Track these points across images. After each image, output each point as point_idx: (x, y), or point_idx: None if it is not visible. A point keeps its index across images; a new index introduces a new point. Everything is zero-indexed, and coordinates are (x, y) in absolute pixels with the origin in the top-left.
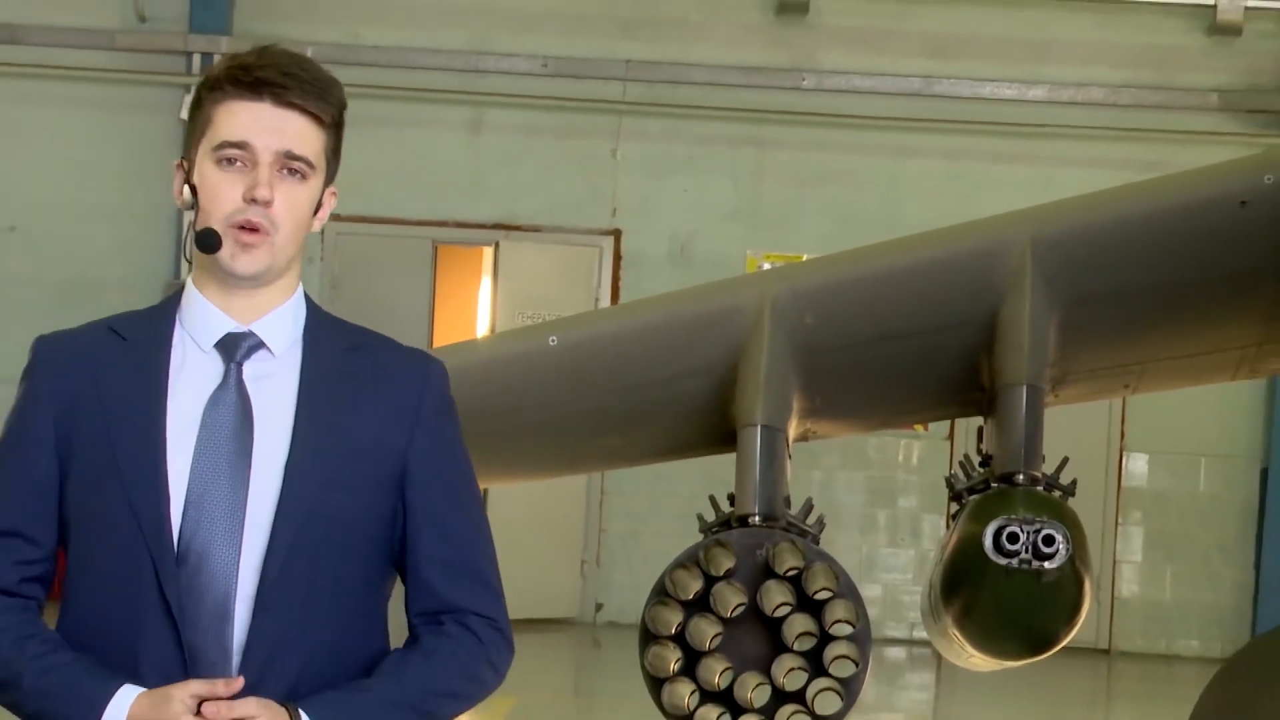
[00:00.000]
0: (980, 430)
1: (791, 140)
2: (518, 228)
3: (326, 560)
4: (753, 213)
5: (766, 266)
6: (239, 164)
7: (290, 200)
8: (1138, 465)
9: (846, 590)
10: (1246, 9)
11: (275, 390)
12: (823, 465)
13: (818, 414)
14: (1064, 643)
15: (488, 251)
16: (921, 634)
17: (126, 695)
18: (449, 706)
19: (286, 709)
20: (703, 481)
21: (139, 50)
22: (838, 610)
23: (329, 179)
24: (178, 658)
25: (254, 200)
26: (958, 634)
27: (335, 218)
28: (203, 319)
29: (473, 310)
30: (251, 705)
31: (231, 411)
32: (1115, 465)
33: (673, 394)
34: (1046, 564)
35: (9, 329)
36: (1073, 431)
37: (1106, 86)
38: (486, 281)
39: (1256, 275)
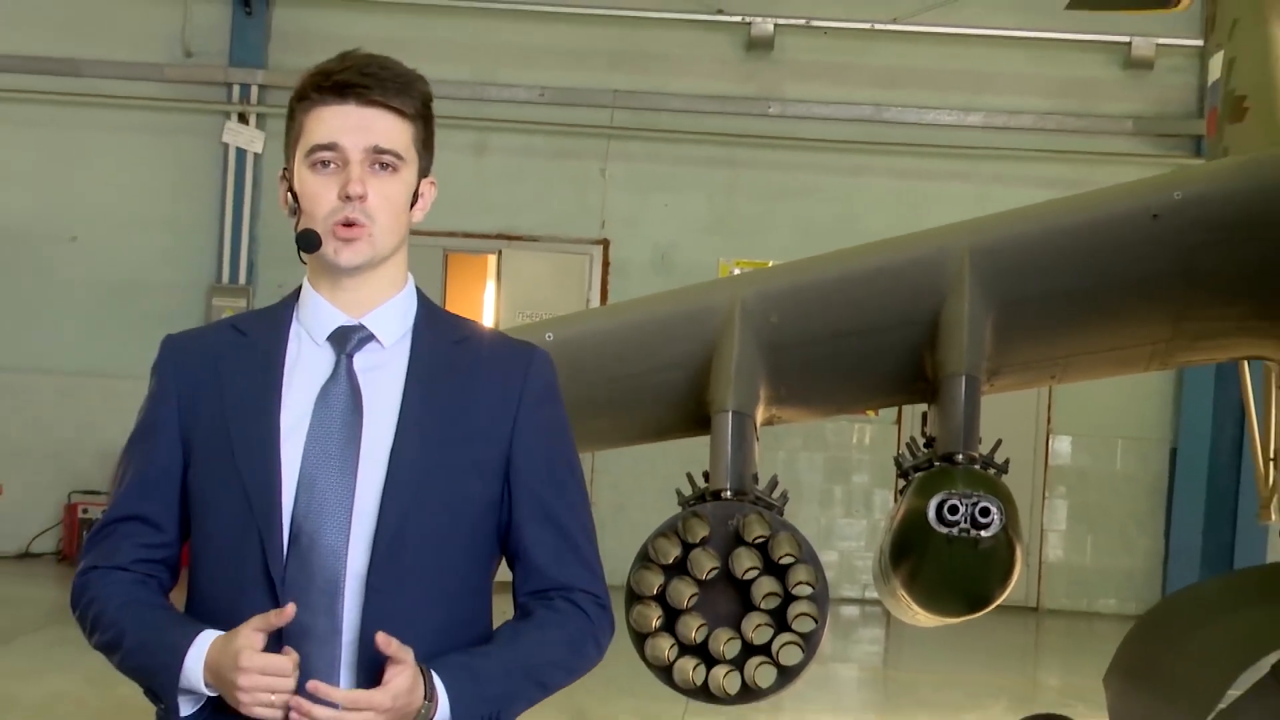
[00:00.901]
0: (924, 416)
1: (759, 161)
2: (518, 238)
3: (431, 543)
4: (725, 224)
5: (737, 272)
6: (332, 165)
7: (384, 193)
8: (1062, 446)
9: (807, 556)
10: (1158, 46)
11: (384, 381)
12: (786, 446)
13: (782, 401)
14: (998, 602)
15: (491, 259)
16: (873, 594)
17: (205, 639)
18: (559, 677)
19: (420, 670)
20: (681, 461)
21: (185, 82)
22: (799, 573)
23: (424, 170)
24: (278, 631)
25: (348, 197)
26: (905, 594)
27: None
28: (316, 314)
29: (479, 311)
30: (404, 671)
31: (342, 401)
32: (1043, 446)
33: (654, 384)
34: (983, 533)
35: (70, 324)
36: (1005, 416)
37: (1035, 114)
38: (491, 285)
39: (1166, 280)
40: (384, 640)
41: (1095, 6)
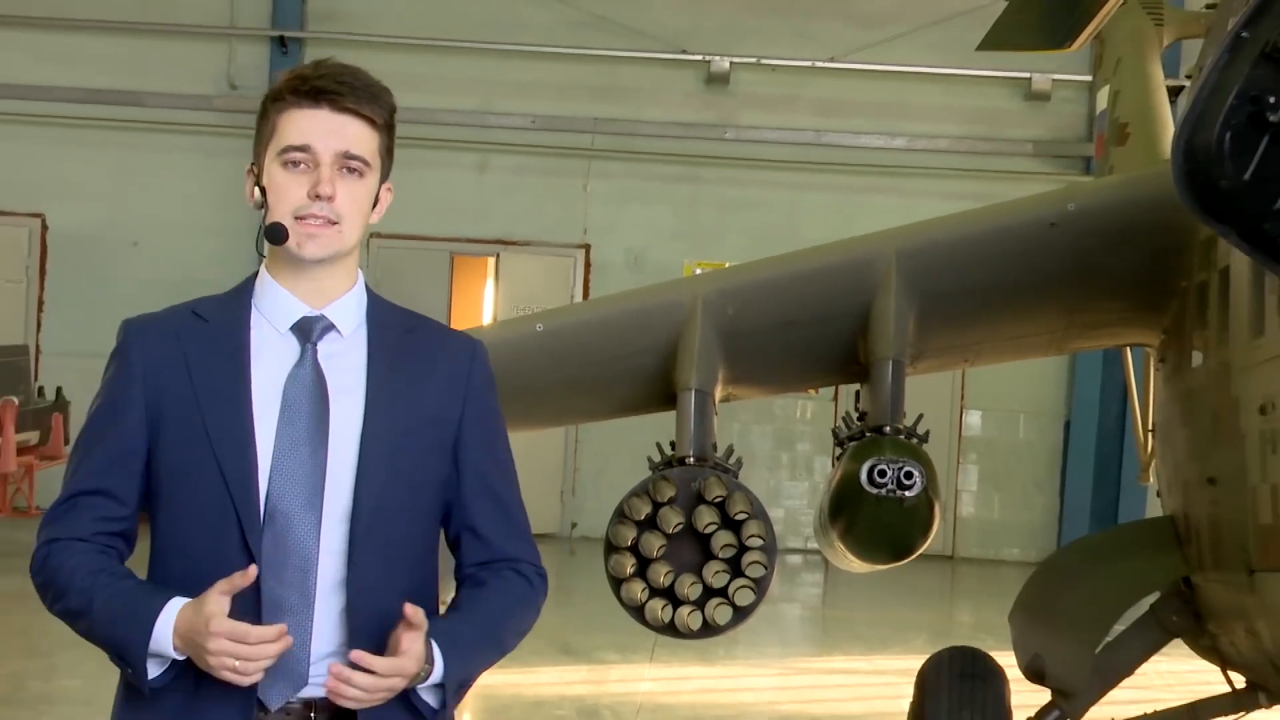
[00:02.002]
0: (857, 393)
1: (717, 178)
2: (513, 243)
3: (401, 517)
4: (689, 231)
5: (698, 271)
6: (302, 165)
7: (351, 194)
8: (973, 419)
9: (758, 513)
10: (1053, 80)
11: (346, 367)
12: (740, 420)
13: (737, 381)
14: (920, 551)
15: (491, 261)
16: (814, 545)
17: (173, 606)
18: (514, 640)
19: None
20: (652, 432)
21: (230, 110)
22: (752, 528)
23: (384, 176)
24: (254, 605)
25: (318, 196)
26: (841, 545)
27: (375, 235)
28: (277, 303)
29: (480, 305)
30: (420, 638)
31: (309, 386)
32: (957, 419)
33: (629, 366)
34: (907, 493)
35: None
36: (925, 394)
37: (950, 138)
38: (490, 283)
39: (1062, 279)
40: (411, 610)
41: (1000, 47)
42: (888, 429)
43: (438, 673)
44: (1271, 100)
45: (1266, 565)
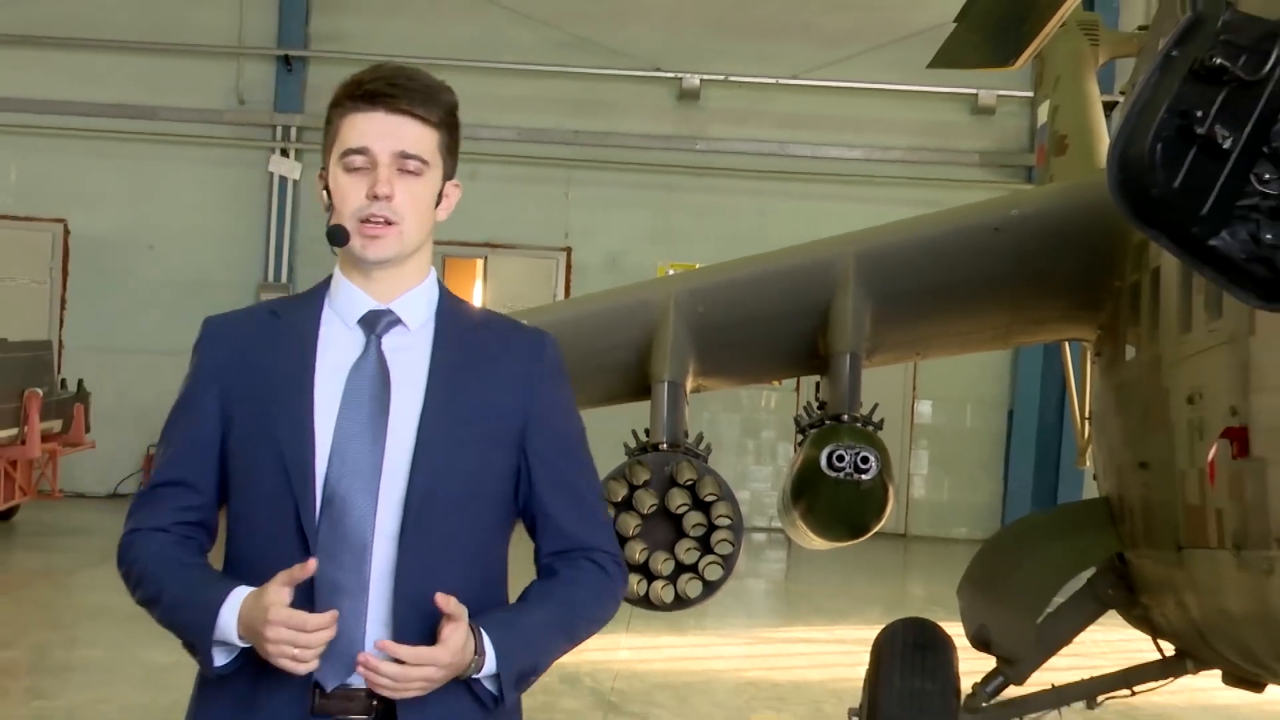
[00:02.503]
0: (818, 384)
1: (689, 186)
2: (500, 246)
3: (455, 506)
4: (662, 235)
5: (671, 272)
6: (362, 167)
7: (410, 193)
8: (924, 408)
9: (726, 494)
10: (998, 96)
11: (410, 360)
12: (709, 409)
13: (706, 374)
14: (875, 530)
15: (480, 262)
16: (777, 524)
17: (237, 595)
18: (586, 629)
19: (471, 627)
20: (628, 421)
21: (239, 124)
22: (720, 508)
23: (448, 173)
24: (309, 588)
25: (376, 196)
26: (803, 524)
27: None
28: (348, 299)
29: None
30: (459, 629)
31: (371, 377)
32: (909, 409)
33: (607, 360)
34: (863, 476)
35: (148, 315)
36: (880, 385)
37: (903, 149)
38: (479, 284)
39: (1006, 279)
40: (443, 599)
41: (949, 65)
42: (845, 417)
43: (490, 663)
44: (1199, 114)
45: (1193, 542)
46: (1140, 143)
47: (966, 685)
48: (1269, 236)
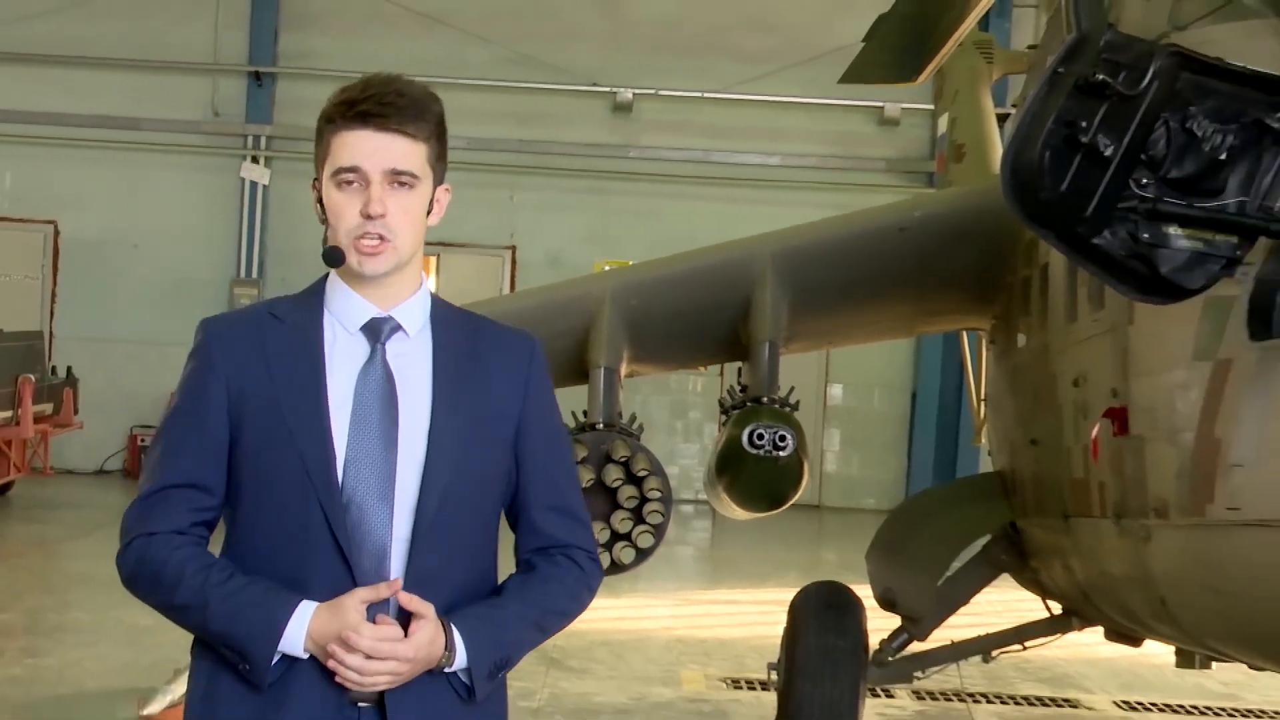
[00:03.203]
0: (740, 370)
1: (623, 190)
2: (452, 245)
3: (464, 509)
4: (599, 235)
5: (607, 269)
6: (355, 184)
7: (403, 207)
8: (836, 391)
9: (657, 470)
10: (902, 108)
11: (413, 366)
12: (641, 392)
13: (639, 360)
14: (792, 501)
15: (433, 260)
16: (703, 497)
17: (305, 610)
18: (559, 623)
19: (441, 623)
20: (568, 403)
21: (214, 134)
22: (651, 483)
23: (438, 180)
24: (329, 593)
25: (369, 215)
26: (726, 496)
27: None
28: (348, 306)
29: None
30: (425, 625)
31: (379, 384)
32: (823, 391)
33: (549, 348)
34: (781, 453)
35: (133, 307)
36: (796, 370)
37: (817, 156)
38: (433, 278)
39: (909, 274)
40: (405, 598)
41: (858, 80)
42: (765, 399)
43: (460, 659)
44: (1083, 125)
45: (1078, 512)
46: (1030, 151)
47: (874, 642)
48: (1146, 235)
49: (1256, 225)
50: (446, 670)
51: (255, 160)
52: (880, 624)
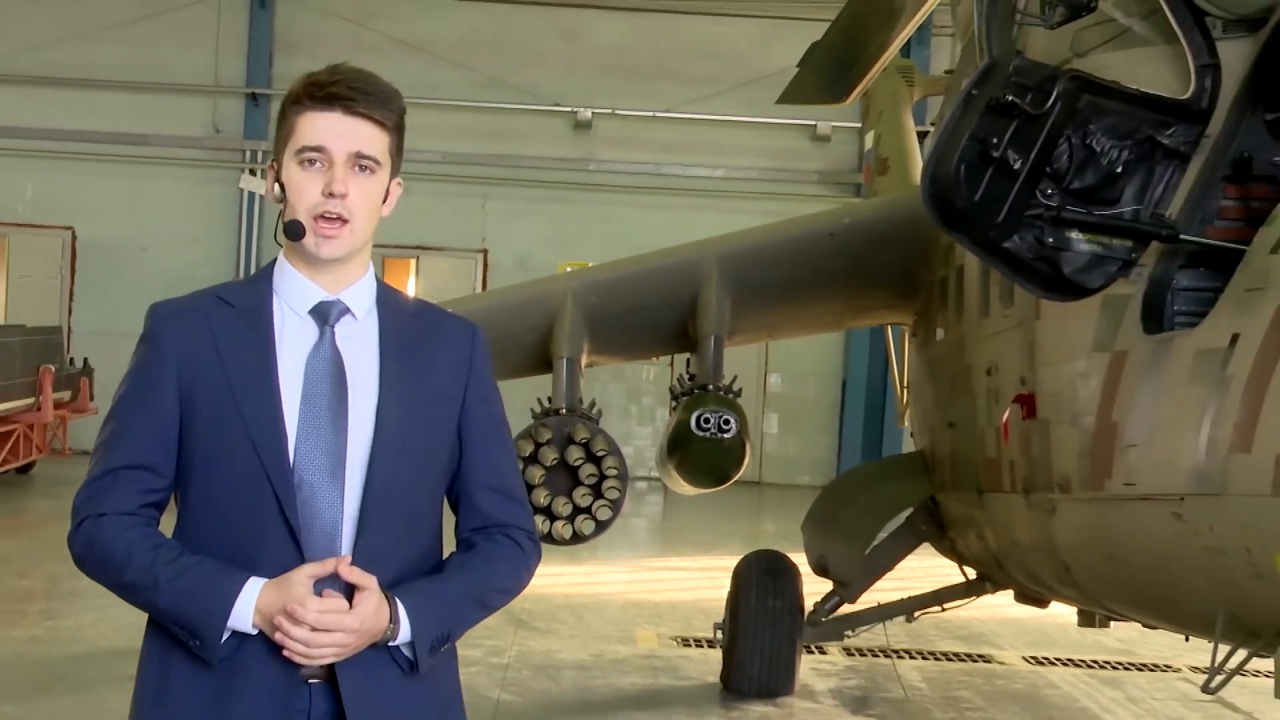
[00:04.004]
0: (688, 361)
1: (583, 199)
2: (430, 248)
3: (409, 488)
4: (562, 240)
5: (569, 269)
6: (318, 164)
7: (363, 192)
8: (775, 379)
9: (614, 450)
10: (833, 126)
11: (360, 348)
12: (600, 380)
13: (598, 351)
14: (735, 478)
15: (413, 262)
16: (655, 474)
17: (254, 585)
18: (499, 600)
19: (385, 596)
20: (534, 390)
21: (215, 149)
22: (610, 461)
23: (394, 172)
24: (298, 565)
25: (331, 194)
26: (676, 474)
27: None
28: (297, 289)
29: None
30: (369, 597)
31: (329, 365)
32: (763, 380)
33: (518, 342)
34: (725, 435)
35: (141, 305)
36: (739, 361)
37: (758, 169)
38: (412, 279)
39: (839, 275)
40: (345, 569)
41: (793, 101)
42: (710, 387)
43: (404, 631)
44: (994, 141)
45: (991, 487)
46: (948, 164)
47: (809, 604)
48: (1051, 240)
49: (1149, 231)
50: (390, 644)
51: (252, 172)
52: (814, 588)
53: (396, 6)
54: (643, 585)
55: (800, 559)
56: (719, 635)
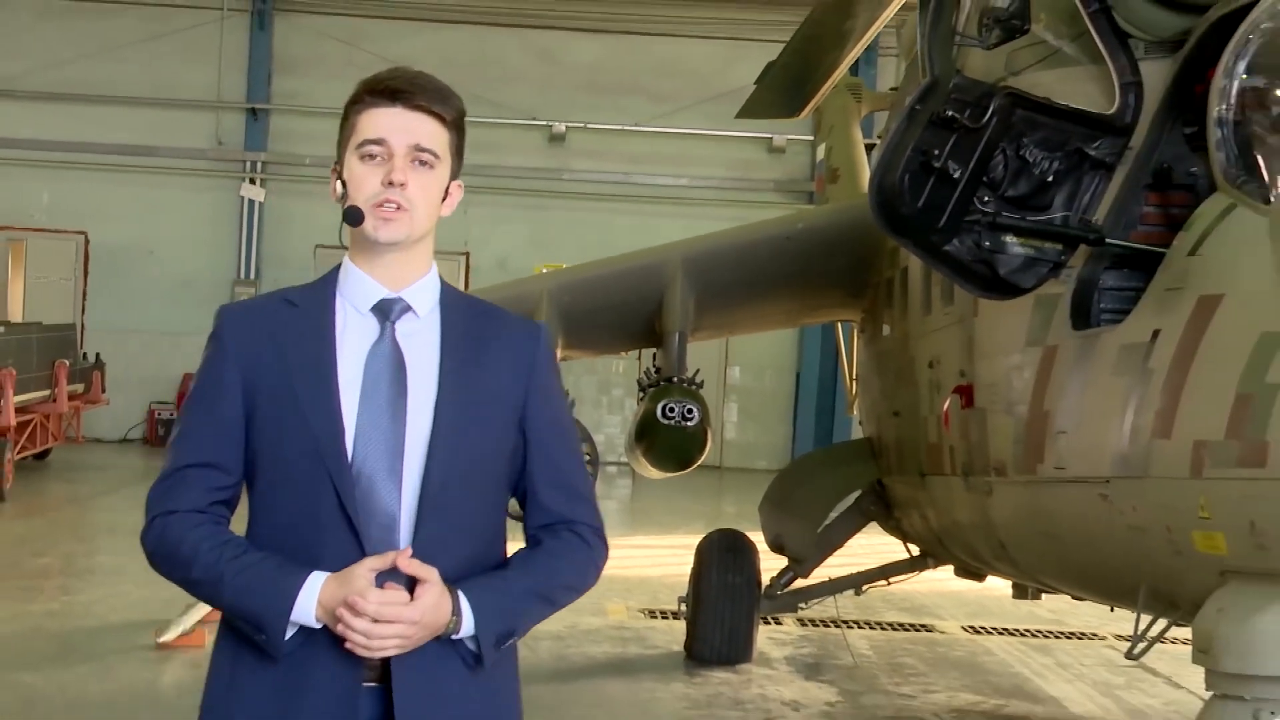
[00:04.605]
0: (655, 355)
1: (558, 206)
2: None
3: (466, 484)
4: (539, 244)
5: (545, 271)
6: (378, 157)
7: (422, 184)
8: (734, 372)
9: (587, 436)
10: (788, 139)
11: (421, 346)
12: (573, 372)
13: (572, 346)
14: (698, 463)
15: None
16: (624, 459)
17: (315, 580)
18: (566, 596)
19: (448, 590)
20: None
21: (218, 159)
22: (582, 447)
23: (454, 173)
24: (358, 559)
25: (391, 183)
26: (643, 460)
27: (321, 245)
28: (360, 288)
29: None
30: (430, 589)
31: (388, 362)
32: (723, 372)
33: None
34: (689, 424)
35: (150, 303)
36: (701, 355)
37: (719, 178)
38: None
39: (794, 276)
40: (405, 562)
41: (750, 115)
42: (675, 379)
43: (467, 625)
44: (936, 153)
45: (933, 471)
46: (893, 174)
47: (765, 579)
48: (988, 244)
49: (1078, 235)
50: (454, 638)
51: (252, 181)
52: (770, 564)
53: (386, 28)
54: (613, 562)
55: (758, 537)
56: (683, 608)
